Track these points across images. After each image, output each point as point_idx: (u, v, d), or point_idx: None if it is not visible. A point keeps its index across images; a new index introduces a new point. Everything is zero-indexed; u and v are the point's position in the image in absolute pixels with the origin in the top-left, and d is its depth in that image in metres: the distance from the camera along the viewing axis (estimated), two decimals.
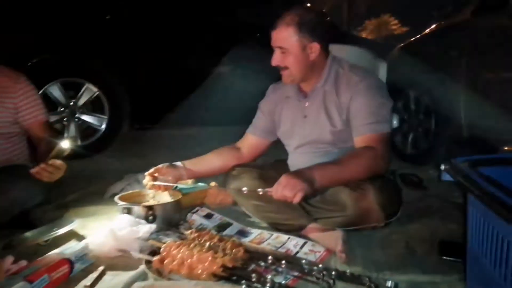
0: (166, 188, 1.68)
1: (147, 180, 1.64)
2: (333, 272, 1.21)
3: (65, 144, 1.64)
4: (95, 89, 3.02)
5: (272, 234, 1.58)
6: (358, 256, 1.41)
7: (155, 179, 1.64)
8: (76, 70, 2.97)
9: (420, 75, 2.71)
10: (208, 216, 1.74)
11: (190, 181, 1.96)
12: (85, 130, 3.14)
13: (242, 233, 1.61)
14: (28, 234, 1.51)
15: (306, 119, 1.67)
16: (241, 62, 3.36)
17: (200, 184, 1.98)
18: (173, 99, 3.36)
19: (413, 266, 1.34)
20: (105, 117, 3.09)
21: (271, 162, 1.91)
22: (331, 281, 1.18)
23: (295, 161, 1.72)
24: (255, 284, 1.14)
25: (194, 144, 3.52)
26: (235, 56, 3.38)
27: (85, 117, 3.05)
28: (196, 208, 1.78)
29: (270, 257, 1.29)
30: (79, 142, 3.03)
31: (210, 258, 1.21)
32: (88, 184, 2.29)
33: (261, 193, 1.44)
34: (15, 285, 1.05)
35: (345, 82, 1.59)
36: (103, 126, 3.09)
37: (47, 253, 1.34)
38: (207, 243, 1.34)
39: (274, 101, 1.79)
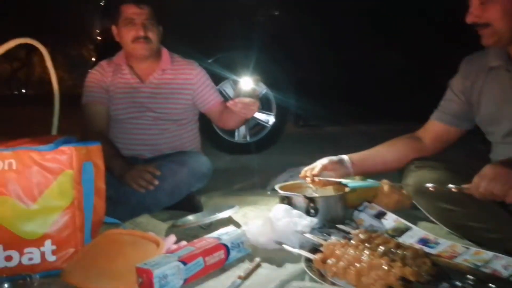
0: (328, 184, 1.47)
1: (304, 173, 1.47)
2: None
3: (247, 84, 1.60)
4: (263, 87, 3.05)
5: (468, 248, 1.18)
6: None
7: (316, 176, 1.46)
8: (246, 68, 3.06)
9: None
10: (379, 216, 1.45)
11: (357, 178, 1.71)
12: (254, 127, 3.20)
13: (425, 242, 1.27)
14: (191, 216, 1.51)
15: None
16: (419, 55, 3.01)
17: (369, 180, 1.72)
18: (340, 96, 3.17)
19: None
20: (272, 114, 3.09)
21: (463, 157, 1.50)
22: None
23: (504, 154, 1.28)
24: None
25: (362, 142, 3.24)
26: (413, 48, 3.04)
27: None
28: (364, 205, 1.50)
29: (470, 277, 0.94)
30: (248, 139, 3.11)
31: (385, 267, 0.94)
32: (252, 176, 2.26)
33: (453, 189, 1.09)
34: (169, 264, 1.00)
35: None
36: (270, 123, 3.10)
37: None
38: (380, 248, 1.07)
39: (470, 76, 1.38)
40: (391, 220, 1.42)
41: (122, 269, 1.06)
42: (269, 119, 3.10)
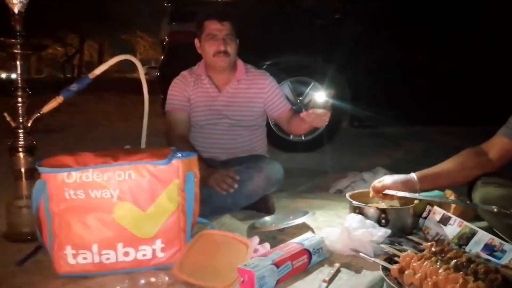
0: (394, 198, 1.58)
1: (372, 191, 1.58)
2: None
3: (320, 97, 1.69)
4: (320, 87, 3.14)
5: None
6: None
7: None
8: (304, 70, 3.16)
9: None
10: (444, 221, 1.51)
11: None
12: None
13: (491, 250, 1.33)
14: (268, 218, 1.67)
15: None
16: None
17: (435, 191, 1.79)
18: (395, 97, 3.22)
19: None
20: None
21: None
22: None
23: None
24: None
25: (416, 143, 3.30)
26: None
27: None
28: (428, 209, 1.57)
29: None
30: (303, 137, 3.23)
31: (461, 280, 1.05)
32: (312, 177, 2.38)
33: None
34: (266, 266, 1.15)
35: None
36: None
37: (283, 239, 1.44)
38: (453, 261, 1.17)
39: None
40: (455, 225, 1.46)
41: (221, 267, 1.24)
42: None
